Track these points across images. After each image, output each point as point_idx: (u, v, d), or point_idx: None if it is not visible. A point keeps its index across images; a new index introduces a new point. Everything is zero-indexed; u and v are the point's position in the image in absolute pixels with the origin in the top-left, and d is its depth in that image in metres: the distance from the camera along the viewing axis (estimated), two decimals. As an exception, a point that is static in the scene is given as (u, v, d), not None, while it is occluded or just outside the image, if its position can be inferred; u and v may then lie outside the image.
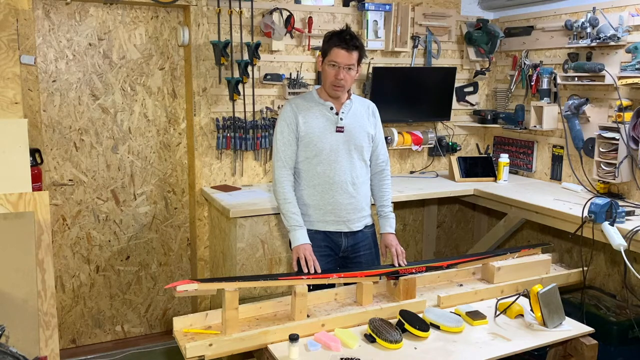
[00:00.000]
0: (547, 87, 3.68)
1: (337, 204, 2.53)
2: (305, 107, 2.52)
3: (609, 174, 3.20)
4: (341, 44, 2.38)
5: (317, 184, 2.52)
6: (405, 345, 2.05)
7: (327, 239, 2.58)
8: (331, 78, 2.44)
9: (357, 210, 2.58)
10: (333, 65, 2.41)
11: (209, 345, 1.94)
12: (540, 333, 2.20)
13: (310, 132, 2.49)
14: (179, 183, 3.68)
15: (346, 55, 2.39)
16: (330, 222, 2.56)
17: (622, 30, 3.18)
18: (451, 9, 4.13)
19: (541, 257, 2.76)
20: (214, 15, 3.41)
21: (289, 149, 2.51)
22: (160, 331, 3.76)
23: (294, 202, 2.50)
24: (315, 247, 2.50)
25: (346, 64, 2.41)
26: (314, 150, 2.50)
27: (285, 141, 2.50)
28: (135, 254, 3.62)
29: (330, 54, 2.41)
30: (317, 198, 2.54)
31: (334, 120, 2.52)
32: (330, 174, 2.51)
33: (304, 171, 2.54)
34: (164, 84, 3.53)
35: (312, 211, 2.55)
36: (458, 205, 4.49)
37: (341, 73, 2.41)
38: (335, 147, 2.50)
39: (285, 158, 2.51)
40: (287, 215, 2.49)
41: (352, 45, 2.38)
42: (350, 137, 2.52)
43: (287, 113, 2.52)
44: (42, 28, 3.20)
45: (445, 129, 4.27)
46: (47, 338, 2.09)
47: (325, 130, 2.50)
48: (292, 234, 2.48)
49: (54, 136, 3.31)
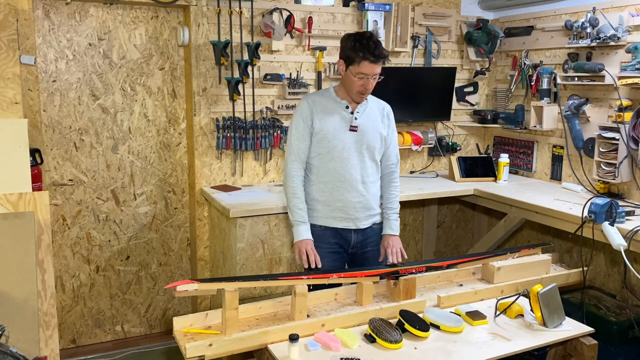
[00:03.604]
0: (547, 87, 3.69)
1: (347, 202, 2.57)
2: (322, 104, 2.55)
3: (609, 174, 3.20)
4: (370, 57, 2.38)
5: (327, 181, 2.56)
6: (405, 345, 2.05)
7: (337, 235, 2.62)
8: (358, 88, 2.47)
9: (366, 209, 2.61)
10: (361, 77, 2.43)
11: (209, 345, 1.94)
12: (540, 333, 2.20)
13: (325, 129, 2.52)
14: (179, 183, 3.68)
15: (374, 67, 2.42)
16: (338, 219, 2.59)
17: (622, 30, 3.18)
18: (451, 9, 4.13)
19: (541, 257, 2.76)
20: (214, 15, 3.41)
21: (302, 143, 2.54)
22: (160, 331, 3.76)
23: (301, 198, 2.54)
24: (325, 244, 2.56)
25: (374, 75, 2.44)
26: (326, 147, 2.53)
27: (300, 136, 2.54)
28: (135, 254, 3.62)
29: (359, 66, 2.41)
30: (326, 194, 2.57)
31: (349, 119, 2.55)
32: (341, 171, 2.54)
33: (315, 167, 2.57)
34: (164, 84, 3.53)
35: (321, 207, 2.58)
36: (458, 205, 4.49)
37: (369, 83, 2.46)
38: (347, 145, 2.53)
39: (298, 152, 2.54)
40: (293, 209, 2.54)
41: (380, 57, 2.40)
42: (363, 136, 2.55)
43: (303, 108, 2.55)
44: (42, 28, 3.20)
45: (445, 129, 4.27)
46: (47, 338, 2.08)
47: (339, 128, 2.53)
48: (295, 229, 2.53)
49: (54, 136, 3.31)
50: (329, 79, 3.80)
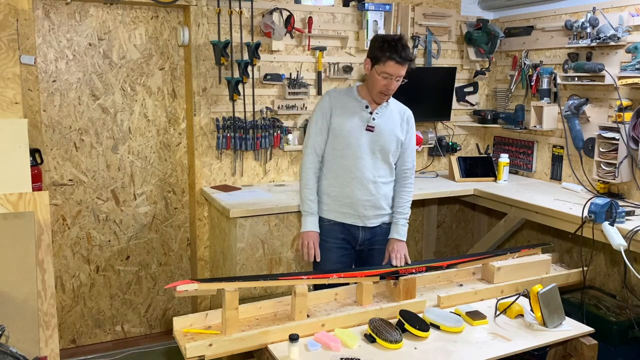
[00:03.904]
0: (547, 87, 3.69)
1: (355, 199, 2.61)
2: (342, 101, 2.61)
3: (609, 174, 3.20)
4: (396, 58, 2.43)
5: (339, 176, 2.61)
6: (405, 345, 2.05)
7: (345, 231, 2.66)
8: (380, 87, 2.50)
9: (375, 208, 2.65)
10: (385, 77, 2.47)
11: (209, 345, 1.94)
12: (540, 333, 2.20)
13: (341, 126, 2.57)
14: (179, 183, 3.68)
15: (400, 68, 2.46)
16: (346, 215, 2.64)
17: (622, 30, 3.18)
18: (451, 9, 4.13)
19: (541, 257, 2.76)
20: (214, 15, 3.41)
21: (319, 137, 2.61)
22: (160, 331, 3.76)
23: (313, 190, 2.61)
24: (332, 239, 2.63)
25: (398, 76, 2.48)
26: (341, 143, 2.58)
27: (318, 130, 2.61)
28: (135, 254, 3.62)
29: (384, 65, 2.45)
30: (337, 189, 2.62)
31: (367, 118, 2.59)
32: (353, 168, 2.58)
33: (329, 161, 2.63)
34: (164, 84, 3.53)
35: (331, 201, 2.64)
36: (458, 205, 4.49)
37: (392, 84, 2.49)
38: (362, 144, 2.57)
39: (314, 145, 2.62)
40: (303, 200, 2.63)
41: (405, 59, 2.45)
42: (379, 137, 2.59)
43: (324, 103, 2.62)
44: (42, 28, 3.20)
45: (445, 129, 4.27)
46: (47, 338, 2.08)
47: (356, 127, 2.57)
48: (304, 219, 2.63)
49: (54, 136, 3.31)
50: (329, 79, 3.80)
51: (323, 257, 2.63)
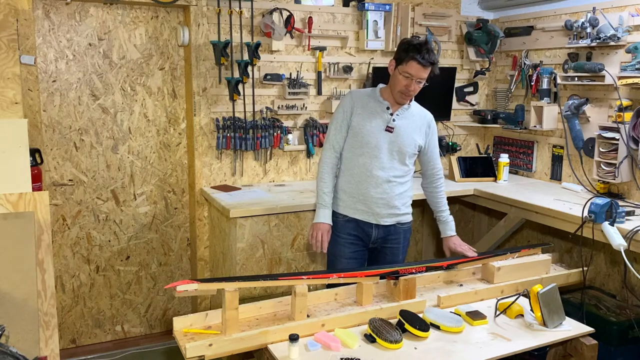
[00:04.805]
0: (547, 87, 3.69)
1: (369, 196, 2.67)
2: (364, 101, 2.68)
3: (609, 174, 3.20)
4: (418, 58, 2.49)
5: (355, 173, 2.67)
6: (405, 345, 2.05)
7: (358, 228, 2.72)
8: (401, 87, 2.57)
9: (388, 206, 2.70)
10: (407, 76, 2.53)
11: (209, 345, 1.94)
12: (540, 333, 2.20)
13: (361, 125, 2.64)
14: (179, 183, 3.68)
15: (421, 69, 2.52)
16: (360, 211, 2.70)
17: (622, 30, 3.18)
18: (451, 9, 4.13)
19: (541, 257, 2.76)
20: (214, 15, 3.41)
21: (338, 134, 2.70)
22: (160, 331, 3.76)
23: (328, 183, 2.70)
24: (345, 235, 2.71)
25: (419, 78, 2.53)
26: (360, 141, 2.65)
27: (338, 127, 2.70)
28: (135, 254, 3.62)
29: (407, 65, 2.52)
30: (352, 186, 2.69)
31: (387, 119, 2.64)
32: (369, 167, 2.65)
33: (347, 159, 2.70)
34: (164, 84, 3.53)
35: (346, 197, 2.71)
36: (458, 205, 4.48)
37: (412, 85, 2.55)
38: (380, 144, 2.63)
39: (333, 142, 2.71)
40: (318, 193, 2.72)
41: (428, 62, 2.50)
42: (397, 138, 2.64)
43: (346, 101, 2.70)
44: (42, 28, 3.20)
45: (445, 129, 4.27)
46: (47, 338, 2.08)
47: (376, 126, 2.63)
48: (317, 211, 2.71)
49: (54, 136, 3.31)
50: (329, 79, 3.80)
51: (336, 252, 2.72)
